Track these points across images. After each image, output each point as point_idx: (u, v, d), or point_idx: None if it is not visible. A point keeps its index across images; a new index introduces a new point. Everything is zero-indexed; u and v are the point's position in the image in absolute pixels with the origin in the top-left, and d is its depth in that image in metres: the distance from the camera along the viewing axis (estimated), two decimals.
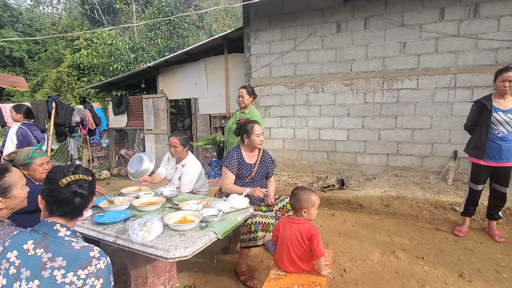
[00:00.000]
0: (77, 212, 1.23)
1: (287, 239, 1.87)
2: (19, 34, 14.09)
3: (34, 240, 1.11)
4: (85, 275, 1.07)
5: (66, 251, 1.10)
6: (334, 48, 4.62)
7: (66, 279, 1.06)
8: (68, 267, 1.07)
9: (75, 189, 1.18)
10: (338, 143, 4.78)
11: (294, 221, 1.90)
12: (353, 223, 3.59)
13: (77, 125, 5.81)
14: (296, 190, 1.95)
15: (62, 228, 1.16)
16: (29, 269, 1.06)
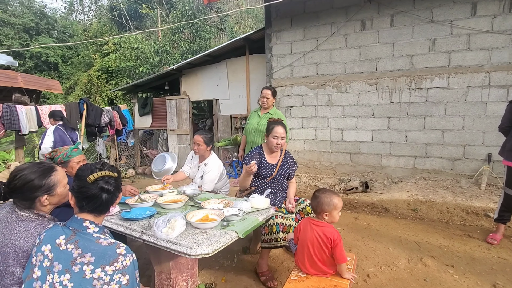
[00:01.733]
0: (104, 208, 1.27)
1: (308, 241, 1.83)
2: (54, 40, 15.05)
3: (66, 236, 1.16)
4: (112, 271, 1.12)
5: (94, 247, 1.14)
6: (358, 46, 4.50)
7: (95, 274, 1.10)
8: (96, 263, 1.11)
9: (102, 185, 1.23)
10: (362, 145, 4.64)
11: (316, 223, 1.85)
12: (378, 227, 3.47)
13: (106, 126, 6.09)
14: (317, 193, 1.90)
15: (91, 225, 1.21)
16: (61, 263, 1.12)
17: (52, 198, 1.43)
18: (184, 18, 10.70)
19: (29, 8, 15.30)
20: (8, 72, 5.50)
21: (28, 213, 1.37)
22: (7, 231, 1.29)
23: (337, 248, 1.74)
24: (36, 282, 1.12)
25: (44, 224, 1.37)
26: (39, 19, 15.13)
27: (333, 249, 1.76)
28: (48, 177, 1.41)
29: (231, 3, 14.57)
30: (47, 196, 1.40)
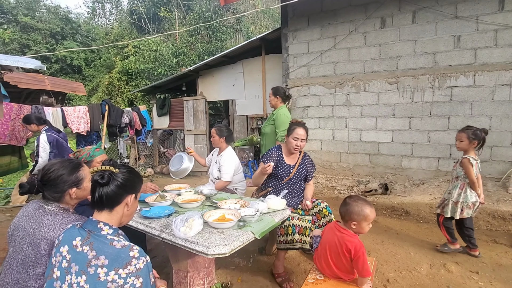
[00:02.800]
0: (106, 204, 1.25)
1: (327, 244, 1.80)
2: (78, 44, 15.71)
3: (81, 237, 1.19)
4: (125, 274, 1.12)
5: (108, 249, 1.16)
6: (378, 44, 4.38)
7: (109, 277, 1.12)
8: (110, 266, 1.13)
9: (95, 178, 1.23)
10: (381, 145, 4.51)
11: (340, 229, 1.76)
12: (398, 231, 3.37)
13: (126, 126, 6.27)
14: (348, 199, 1.77)
15: (105, 226, 1.23)
16: (78, 265, 1.15)
17: (79, 192, 1.52)
18: (201, 20, 10.85)
19: (55, 14, 16.06)
20: (37, 76, 5.80)
21: (54, 207, 1.45)
22: (36, 224, 1.38)
23: (359, 261, 1.65)
24: (56, 281, 1.16)
25: (69, 217, 1.44)
26: (64, 24, 15.84)
27: (355, 261, 1.67)
28: (77, 172, 1.51)
29: (247, 4, 14.62)
30: (76, 189, 1.50)
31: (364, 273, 1.66)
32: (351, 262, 1.70)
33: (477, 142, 2.64)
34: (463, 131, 2.71)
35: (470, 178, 2.63)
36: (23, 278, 1.34)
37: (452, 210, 2.70)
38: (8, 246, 1.47)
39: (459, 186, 2.71)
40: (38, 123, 3.53)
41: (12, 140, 4.22)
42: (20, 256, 1.36)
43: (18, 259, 1.36)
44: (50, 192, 1.46)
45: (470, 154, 2.68)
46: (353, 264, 1.68)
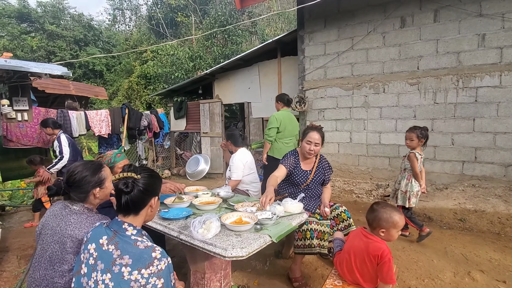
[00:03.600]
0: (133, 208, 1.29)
1: (352, 250, 1.74)
2: (99, 50, 16.33)
3: (108, 237, 1.24)
4: (147, 274, 1.15)
5: (132, 249, 1.19)
6: (398, 45, 4.27)
7: (132, 276, 1.15)
8: (133, 265, 1.16)
9: (120, 186, 1.26)
10: (402, 148, 4.37)
11: (368, 236, 1.70)
12: None
13: (145, 129, 6.43)
14: (376, 206, 1.72)
15: (130, 227, 1.27)
16: (103, 263, 1.19)
17: (102, 191, 1.59)
18: (217, 24, 11.00)
19: (79, 22, 16.81)
20: (62, 81, 6.07)
21: (79, 207, 1.52)
22: (62, 223, 1.44)
23: (385, 266, 1.59)
24: (83, 278, 1.21)
25: (93, 216, 1.51)
26: (87, 31, 16.55)
27: (380, 266, 1.61)
28: (99, 173, 1.59)
29: (262, 6, 14.69)
30: (99, 189, 1.57)
31: (388, 280, 1.60)
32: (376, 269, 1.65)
33: (424, 140, 3.12)
34: (412, 131, 3.15)
35: (414, 170, 3.09)
36: (50, 274, 1.40)
37: (403, 199, 3.13)
38: (36, 244, 1.54)
39: (406, 177, 3.16)
40: (54, 127, 3.78)
41: (39, 142, 4.43)
42: (48, 253, 1.42)
43: (46, 256, 1.43)
44: (75, 193, 1.53)
45: (416, 150, 3.15)
46: (378, 269, 1.62)
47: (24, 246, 3.18)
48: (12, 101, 2.44)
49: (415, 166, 3.05)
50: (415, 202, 3.10)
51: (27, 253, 3.03)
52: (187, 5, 14.31)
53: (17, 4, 15.67)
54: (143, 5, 19.44)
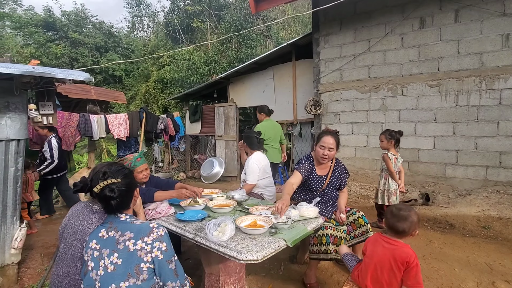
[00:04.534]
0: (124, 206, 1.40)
1: (375, 260, 1.63)
2: (119, 56, 16.88)
3: (105, 228, 1.34)
4: (151, 240, 1.28)
5: (131, 226, 1.32)
6: (417, 46, 4.16)
7: (137, 246, 1.26)
8: (135, 237, 1.27)
9: (109, 194, 1.33)
10: (421, 152, 4.23)
11: (390, 241, 1.61)
12: (441, 245, 3.12)
13: (161, 132, 6.57)
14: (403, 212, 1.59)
15: (122, 214, 1.39)
16: (108, 248, 1.28)
17: None
18: (232, 29, 11.13)
19: (100, 29, 17.46)
20: (84, 86, 6.33)
21: (99, 207, 1.57)
22: (84, 222, 1.51)
23: (412, 271, 1.52)
24: (92, 272, 1.28)
25: None
26: (107, 38, 17.16)
27: (408, 272, 1.53)
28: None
29: (276, 10, 14.74)
30: None
31: (416, 285, 1.52)
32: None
33: (393, 141, 3.38)
34: (382, 133, 3.46)
35: (389, 170, 3.37)
36: (72, 271, 1.45)
37: (382, 198, 3.42)
38: (59, 243, 1.60)
39: (383, 177, 3.47)
40: (50, 130, 4.18)
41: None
42: (70, 251, 1.48)
43: (68, 254, 1.48)
44: None
45: (390, 151, 3.43)
46: (405, 275, 1.53)
47: (47, 245, 3.30)
48: (38, 105, 2.56)
49: (390, 166, 3.37)
50: (395, 200, 3.36)
51: (50, 251, 3.14)
52: (202, 11, 14.58)
53: (43, 14, 16.51)
54: (160, 12, 19.96)
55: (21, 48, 14.99)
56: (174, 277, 1.31)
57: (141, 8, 21.20)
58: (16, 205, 2.45)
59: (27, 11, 17.52)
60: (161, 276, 1.29)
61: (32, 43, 15.72)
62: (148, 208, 2.26)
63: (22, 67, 2.15)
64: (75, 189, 1.57)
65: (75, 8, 17.74)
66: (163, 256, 1.28)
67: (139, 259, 1.24)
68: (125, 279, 1.22)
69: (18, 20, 15.85)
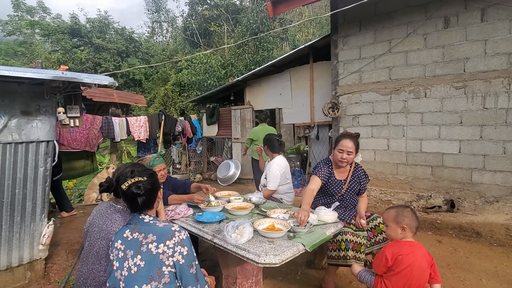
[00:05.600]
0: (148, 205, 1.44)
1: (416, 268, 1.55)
2: (139, 61, 17.42)
3: (129, 229, 1.37)
4: (172, 244, 1.29)
5: (153, 229, 1.34)
6: (441, 46, 4.01)
7: (159, 249, 1.28)
8: (158, 240, 1.29)
9: (135, 191, 1.39)
10: (446, 157, 4.05)
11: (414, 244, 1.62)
12: (467, 254, 2.98)
13: (179, 134, 6.70)
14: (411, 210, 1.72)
15: (146, 216, 1.42)
16: (132, 249, 1.31)
17: None
18: (249, 32, 11.21)
19: (121, 35, 18.11)
20: (107, 90, 6.58)
21: (122, 206, 1.63)
22: (108, 221, 1.56)
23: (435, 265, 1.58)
24: (117, 271, 1.31)
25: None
26: (128, 43, 17.76)
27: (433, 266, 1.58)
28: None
29: (293, 12, 14.71)
30: None
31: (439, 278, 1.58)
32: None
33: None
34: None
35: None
36: (97, 268, 1.50)
37: None
38: (84, 241, 1.66)
39: None
40: None
41: (87, 146, 4.81)
42: (95, 249, 1.53)
43: (93, 251, 1.53)
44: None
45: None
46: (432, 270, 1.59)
47: (71, 242, 3.43)
48: (66, 108, 2.69)
49: None
50: None
51: (74, 248, 3.27)
52: (219, 15, 14.79)
53: (69, 21, 17.36)
54: (179, 17, 20.44)
55: (49, 54, 15.82)
56: (195, 282, 1.33)
57: (160, 13, 21.83)
58: (44, 203, 2.57)
59: (55, 19, 18.48)
60: (182, 280, 1.31)
61: (59, 49, 16.55)
62: (168, 209, 2.30)
63: (53, 73, 2.26)
64: (101, 189, 1.65)
65: (99, 15, 18.54)
66: (184, 260, 1.29)
67: (161, 263, 1.26)
68: (147, 281, 1.25)
69: (47, 27, 16.75)
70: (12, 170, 2.37)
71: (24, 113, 2.39)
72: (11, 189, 2.38)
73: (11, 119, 2.33)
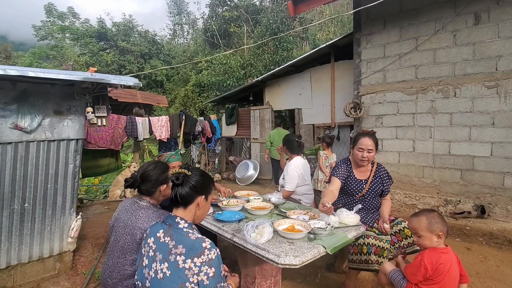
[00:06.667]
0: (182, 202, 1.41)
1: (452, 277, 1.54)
2: (161, 63, 17.93)
3: (163, 230, 1.36)
4: (200, 263, 1.23)
5: (185, 240, 1.29)
6: (472, 43, 3.80)
7: (186, 264, 1.24)
8: (187, 254, 1.25)
9: (172, 179, 1.40)
10: (477, 160, 3.83)
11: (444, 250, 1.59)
12: (498, 262, 2.80)
13: (199, 134, 6.81)
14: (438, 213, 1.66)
15: (181, 220, 1.38)
16: (161, 253, 1.30)
17: (166, 189, 1.75)
18: (268, 32, 11.19)
19: (145, 38, 18.74)
20: (131, 91, 6.82)
21: (146, 203, 1.68)
22: (133, 217, 1.60)
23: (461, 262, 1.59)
24: (145, 268, 1.33)
25: (158, 211, 1.66)
26: (151, 46, 18.34)
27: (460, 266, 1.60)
28: (166, 172, 1.78)
29: (314, 11, 14.52)
30: (165, 186, 1.74)
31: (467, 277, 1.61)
32: None
33: (325, 144, 4.44)
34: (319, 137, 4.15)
35: (319, 164, 4.42)
36: (122, 262, 1.55)
37: (315, 184, 4.33)
38: (109, 235, 1.72)
39: (317, 168, 4.50)
40: None
41: (112, 144, 5.01)
42: (120, 243, 1.58)
43: (118, 246, 1.58)
44: (147, 186, 1.71)
45: (324, 151, 4.45)
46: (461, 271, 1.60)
47: (97, 236, 3.59)
48: (94, 108, 2.82)
49: (319, 161, 4.43)
50: (320, 187, 4.31)
51: (99, 242, 3.41)
52: (239, 16, 14.91)
53: (97, 25, 18.20)
54: (199, 19, 20.84)
55: (78, 57, 16.65)
56: None
57: (181, 16, 22.34)
58: (73, 198, 2.70)
59: (84, 24, 19.44)
60: None
61: (87, 52, 17.39)
62: None
63: (83, 74, 2.38)
64: (126, 185, 1.71)
65: (124, 19, 19.27)
66: (208, 282, 1.24)
67: (186, 278, 1.23)
68: None
69: (76, 32, 17.66)
70: (45, 166, 2.51)
71: (56, 112, 2.53)
72: (44, 184, 2.52)
73: (45, 118, 2.47)
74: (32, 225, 2.51)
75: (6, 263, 2.43)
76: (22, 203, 2.44)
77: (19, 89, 2.34)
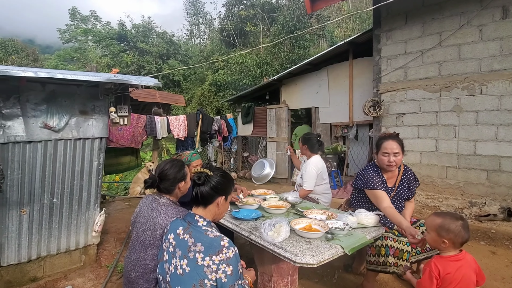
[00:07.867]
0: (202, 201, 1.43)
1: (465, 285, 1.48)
2: (178, 63, 18.27)
3: (183, 227, 1.39)
4: (218, 261, 1.26)
5: (203, 238, 1.32)
6: (499, 38, 3.61)
7: (205, 262, 1.27)
8: (205, 252, 1.28)
9: (194, 178, 1.43)
10: (504, 160, 3.64)
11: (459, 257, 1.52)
12: None
13: (215, 133, 6.89)
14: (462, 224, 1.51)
15: (200, 219, 1.41)
16: (181, 250, 1.33)
17: (185, 185, 1.83)
18: (285, 30, 11.12)
19: (163, 39, 19.16)
20: (150, 91, 7.02)
21: (166, 200, 1.74)
22: (153, 213, 1.66)
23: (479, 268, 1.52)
24: (166, 263, 1.38)
25: (178, 208, 1.71)
26: (169, 46, 18.73)
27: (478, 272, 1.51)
28: (184, 169, 1.84)
29: (331, 8, 14.27)
30: (184, 182, 1.81)
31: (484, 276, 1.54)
32: None
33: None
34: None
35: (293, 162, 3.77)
36: (143, 257, 1.61)
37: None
38: (131, 231, 1.79)
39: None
40: None
41: (132, 143, 5.17)
42: (141, 239, 1.64)
43: (140, 241, 1.65)
44: (166, 185, 1.77)
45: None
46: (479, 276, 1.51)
47: (119, 231, 3.73)
48: (116, 108, 2.93)
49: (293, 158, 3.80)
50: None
51: (121, 237, 3.54)
52: (255, 15, 14.90)
53: (117, 28, 18.81)
54: (216, 18, 21.07)
55: (100, 59, 17.29)
56: None
57: (198, 16, 22.64)
58: (97, 194, 2.82)
59: (105, 26, 20.12)
60: None
61: (108, 54, 18.01)
62: None
63: (106, 76, 2.48)
64: (146, 185, 1.78)
65: (143, 20, 19.78)
66: (226, 280, 1.26)
67: (204, 275, 1.26)
68: None
69: (98, 34, 18.33)
70: (72, 163, 2.64)
71: (81, 112, 2.65)
72: (71, 181, 2.65)
73: (71, 118, 2.59)
74: (60, 219, 2.65)
75: (37, 254, 2.58)
76: (51, 198, 2.58)
77: (48, 90, 2.48)
